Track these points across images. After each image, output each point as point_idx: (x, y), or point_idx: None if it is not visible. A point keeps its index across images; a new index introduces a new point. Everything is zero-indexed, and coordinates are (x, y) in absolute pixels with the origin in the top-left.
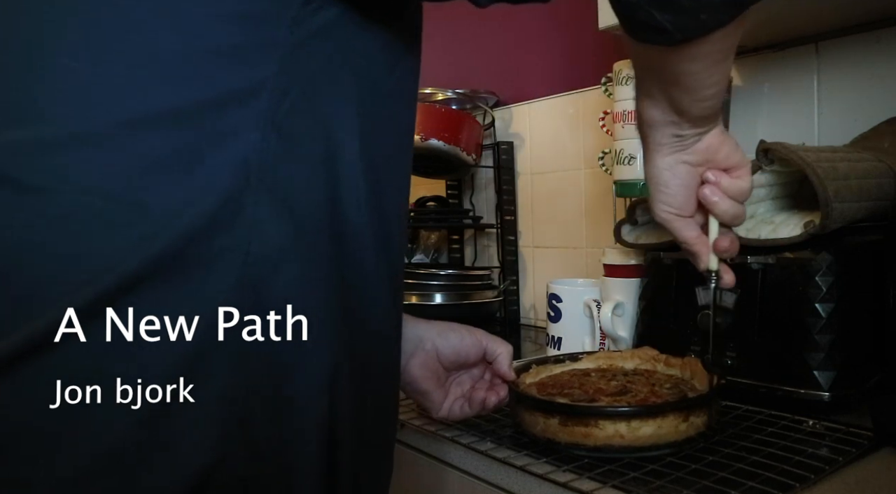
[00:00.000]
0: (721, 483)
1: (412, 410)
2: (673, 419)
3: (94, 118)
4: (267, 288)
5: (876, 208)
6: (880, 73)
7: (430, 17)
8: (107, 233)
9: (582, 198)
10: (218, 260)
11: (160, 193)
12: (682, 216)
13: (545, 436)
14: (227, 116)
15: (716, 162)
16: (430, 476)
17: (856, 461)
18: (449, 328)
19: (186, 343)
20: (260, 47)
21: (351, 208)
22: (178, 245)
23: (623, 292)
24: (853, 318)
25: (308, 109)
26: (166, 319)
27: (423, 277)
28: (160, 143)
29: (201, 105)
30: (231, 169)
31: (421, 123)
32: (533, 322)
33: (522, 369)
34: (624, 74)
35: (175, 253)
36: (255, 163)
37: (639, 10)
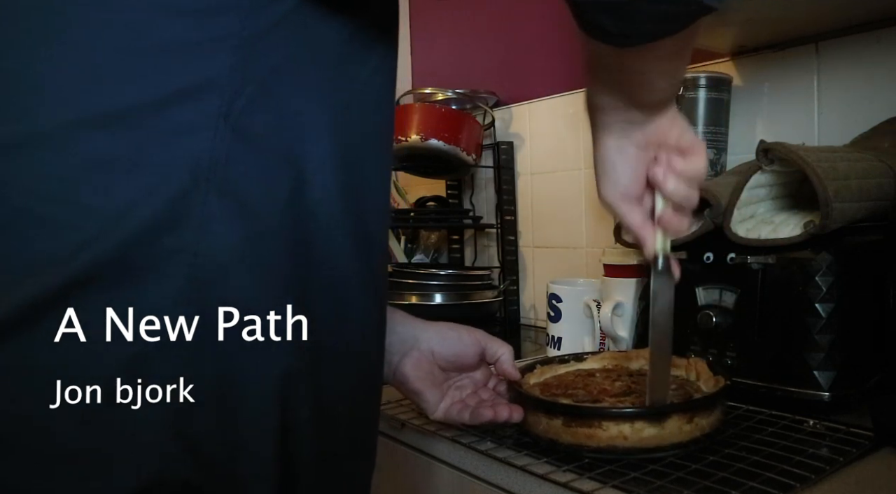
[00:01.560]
0: (721, 483)
1: (412, 410)
2: (677, 420)
3: (39, 119)
4: (216, 290)
5: (876, 208)
6: (880, 73)
7: (430, 16)
8: (49, 235)
9: (582, 198)
10: (165, 261)
11: (105, 194)
12: (629, 199)
13: (547, 437)
14: (176, 115)
15: (667, 144)
16: (429, 476)
17: (856, 461)
18: (447, 328)
19: (128, 343)
20: (210, 42)
21: (320, 207)
22: (124, 246)
23: (623, 292)
24: (853, 318)
25: (269, 105)
26: (112, 321)
27: (423, 277)
28: (105, 144)
29: (148, 104)
30: (179, 169)
31: (421, 123)
32: (533, 322)
33: (527, 369)
34: None
35: (120, 255)
36: (205, 162)
37: (587, 12)
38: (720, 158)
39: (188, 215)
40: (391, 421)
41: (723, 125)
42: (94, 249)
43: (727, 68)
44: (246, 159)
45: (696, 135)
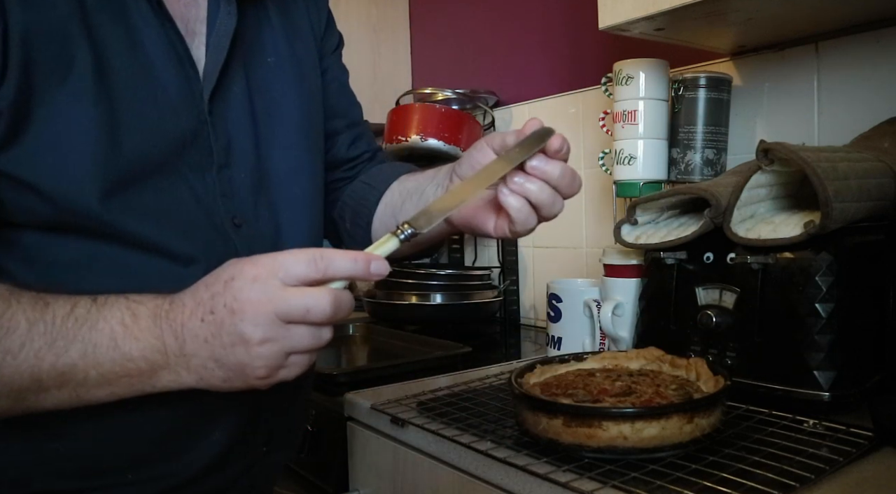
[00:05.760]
0: (721, 483)
1: (412, 409)
2: (677, 420)
3: None
4: None
5: (876, 208)
6: (880, 73)
7: (430, 16)
8: None
9: (582, 198)
10: None
11: None
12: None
13: (547, 437)
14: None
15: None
16: (429, 475)
17: (856, 461)
18: (472, 148)
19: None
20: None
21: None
22: None
23: (623, 292)
24: (853, 318)
25: None
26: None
27: (423, 277)
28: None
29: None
30: None
31: (421, 123)
32: (533, 322)
33: (527, 369)
34: (624, 74)
35: None
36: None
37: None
38: (720, 158)
39: None
40: (392, 421)
41: (723, 125)
42: None
43: (727, 68)
44: None
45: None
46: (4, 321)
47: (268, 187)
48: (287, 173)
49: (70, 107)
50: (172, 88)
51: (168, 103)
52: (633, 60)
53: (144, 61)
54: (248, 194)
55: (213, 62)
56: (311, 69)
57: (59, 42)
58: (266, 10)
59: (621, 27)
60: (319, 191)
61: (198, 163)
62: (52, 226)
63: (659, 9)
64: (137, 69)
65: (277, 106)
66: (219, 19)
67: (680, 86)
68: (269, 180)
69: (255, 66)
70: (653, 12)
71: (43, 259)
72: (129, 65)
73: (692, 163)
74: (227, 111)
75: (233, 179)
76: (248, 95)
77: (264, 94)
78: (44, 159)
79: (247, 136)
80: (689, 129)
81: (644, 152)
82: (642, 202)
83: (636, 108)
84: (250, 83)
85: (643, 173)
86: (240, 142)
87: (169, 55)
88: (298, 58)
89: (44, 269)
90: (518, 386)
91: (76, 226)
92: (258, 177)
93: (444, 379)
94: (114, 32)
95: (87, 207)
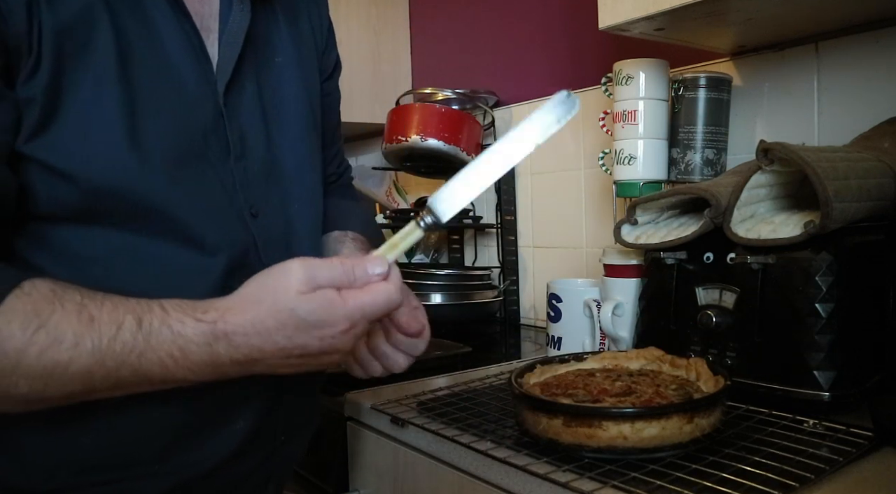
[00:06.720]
0: (721, 483)
1: (412, 409)
2: (677, 420)
3: None
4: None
5: (876, 208)
6: (880, 73)
7: (430, 16)
8: None
9: (582, 198)
10: None
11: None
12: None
13: (547, 437)
14: None
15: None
16: (429, 475)
17: (856, 461)
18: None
19: None
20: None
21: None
22: None
23: (623, 292)
24: (853, 318)
25: None
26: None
27: (423, 277)
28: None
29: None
30: None
31: (421, 123)
32: (533, 322)
33: (527, 369)
34: (624, 74)
35: None
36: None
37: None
38: (720, 158)
39: None
40: (392, 421)
41: (723, 125)
42: None
43: (727, 68)
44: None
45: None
46: (51, 327)
47: (278, 180)
48: (294, 168)
49: (96, 92)
50: (191, 80)
51: (189, 93)
52: (633, 60)
53: (163, 53)
54: (262, 186)
55: (226, 57)
56: (312, 75)
57: (84, 28)
58: (275, 13)
59: (621, 27)
60: (321, 187)
61: (218, 154)
62: (80, 218)
63: (659, 9)
64: (157, 59)
65: (285, 104)
66: (232, 16)
67: (680, 86)
68: (279, 173)
69: (265, 65)
70: (653, 12)
71: (71, 252)
72: (149, 55)
73: (692, 163)
74: (240, 106)
75: (248, 170)
76: (258, 92)
77: (273, 92)
78: (74, 143)
79: (258, 131)
80: (689, 129)
81: (644, 152)
82: (642, 202)
83: (636, 108)
84: (260, 80)
85: (643, 173)
86: (252, 136)
87: (186, 48)
88: (303, 62)
89: (72, 263)
90: (518, 386)
91: (105, 214)
92: (269, 170)
93: (444, 379)
94: (134, 22)
95: (119, 188)
